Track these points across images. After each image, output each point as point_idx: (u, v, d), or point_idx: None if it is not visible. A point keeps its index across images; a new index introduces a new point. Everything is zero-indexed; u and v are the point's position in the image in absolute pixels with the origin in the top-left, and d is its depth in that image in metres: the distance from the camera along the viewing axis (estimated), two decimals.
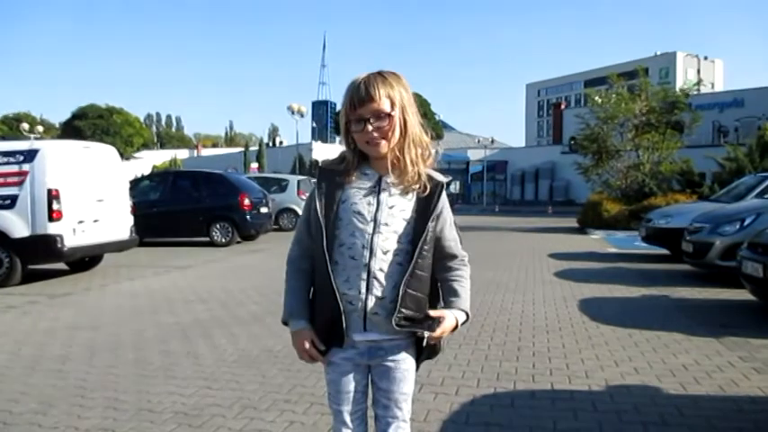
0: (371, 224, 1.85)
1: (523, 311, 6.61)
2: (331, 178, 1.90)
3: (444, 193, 1.91)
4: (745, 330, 5.61)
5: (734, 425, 3.39)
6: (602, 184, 19.97)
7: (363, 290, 1.84)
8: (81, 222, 8.63)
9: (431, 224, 1.86)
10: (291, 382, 4.20)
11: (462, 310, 1.92)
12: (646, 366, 4.51)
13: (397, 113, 1.84)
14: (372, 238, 1.84)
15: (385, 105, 1.82)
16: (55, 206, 8.20)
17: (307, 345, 1.90)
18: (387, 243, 1.85)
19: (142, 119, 66.94)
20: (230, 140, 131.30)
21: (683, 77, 51.92)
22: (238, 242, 14.62)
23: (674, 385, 4.08)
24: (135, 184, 12.80)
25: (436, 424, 3.43)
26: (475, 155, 55.22)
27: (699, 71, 67.08)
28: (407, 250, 1.86)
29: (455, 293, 1.94)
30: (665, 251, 11.14)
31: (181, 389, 4.07)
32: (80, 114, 34.79)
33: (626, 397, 3.85)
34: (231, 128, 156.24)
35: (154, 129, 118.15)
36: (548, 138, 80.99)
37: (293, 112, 31.99)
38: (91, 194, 8.90)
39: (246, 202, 14.23)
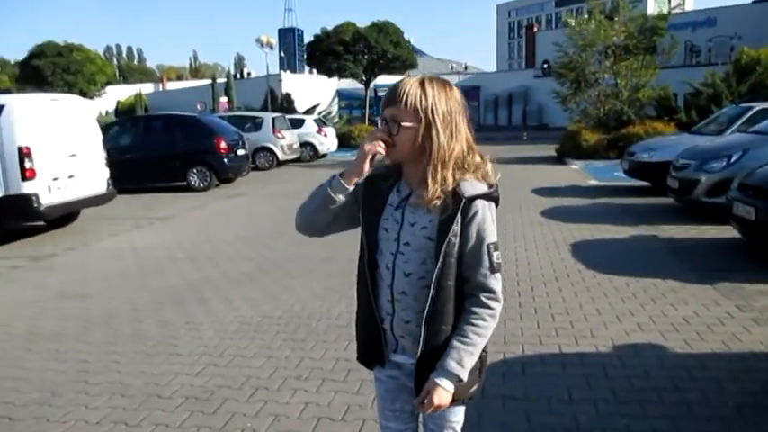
0: (395, 244, 1.74)
1: (517, 259, 6.61)
2: (376, 185, 1.78)
3: (476, 208, 1.68)
4: (738, 274, 5.69)
5: (743, 386, 3.45)
6: (580, 113, 19.85)
7: (390, 312, 1.76)
8: (56, 179, 8.30)
9: (448, 247, 1.67)
10: (298, 355, 4.15)
11: (450, 374, 1.69)
12: (648, 321, 4.55)
13: (422, 127, 1.66)
14: (395, 260, 1.73)
15: (406, 113, 1.66)
16: (27, 164, 7.84)
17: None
18: (408, 265, 1.72)
19: (101, 52, 64.31)
20: (195, 72, 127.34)
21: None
22: (217, 185, 14.35)
23: (678, 342, 4.13)
24: (104, 131, 12.29)
25: None
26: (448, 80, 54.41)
27: None
28: (434, 270, 1.69)
29: (450, 348, 1.70)
30: (646, 184, 11.21)
31: (186, 368, 4.00)
32: (38, 53, 33.06)
33: (634, 359, 3.89)
34: (195, 58, 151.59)
35: (115, 62, 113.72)
36: (519, 60, 79.95)
37: (262, 45, 30.84)
38: (63, 150, 8.52)
39: (223, 145, 13.88)
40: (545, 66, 40.58)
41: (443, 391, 1.69)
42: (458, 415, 1.87)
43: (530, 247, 7.15)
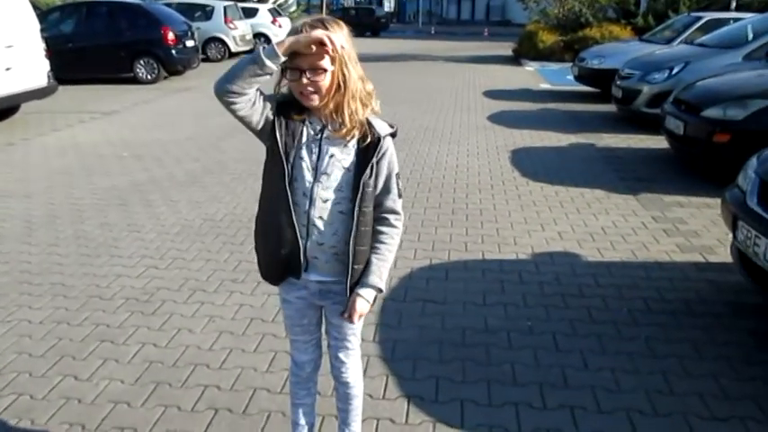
0: (312, 173, 1.87)
1: (458, 165, 6.83)
2: (288, 115, 1.86)
3: (387, 145, 1.89)
4: (661, 185, 6.04)
5: (641, 294, 3.81)
6: (539, 12, 19.59)
7: (304, 235, 1.91)
8: None
9: (366, 179, 1.85)
10: (236, 258, 4.35)
11: (374, 288, 1.95)
12: (569, 230, 4.87)
13: (336, 67, 1.78)
14: (312, 188, 1.87)
15: (324, 60, 1.76)
16: None
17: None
18: (326, 192, 1.88)
19: None
20: None
21: None
22: (165, 78, 13.98)
23: (592, 252, 4.47)
24: (43, 18, 11.70)
25: (377, 302, 3.69)
26: None
27: None
28: (349, 198, 1.88)
29: (371, 265, 1.94)
30: (595, 90, 11.40)
31: (127, 269, 4.17)
32: None
33: (549, 266, 4.22)
34: None
35: None
36: None
37: None
38: None
39: (171, 36, 13.40)
40: None
41: (365, 302, 1.95)
42: (360, 321, 2.11)
43: (471, 153, 7.35)
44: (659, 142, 7.48)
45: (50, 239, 4.72)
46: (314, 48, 1.71)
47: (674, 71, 8.20)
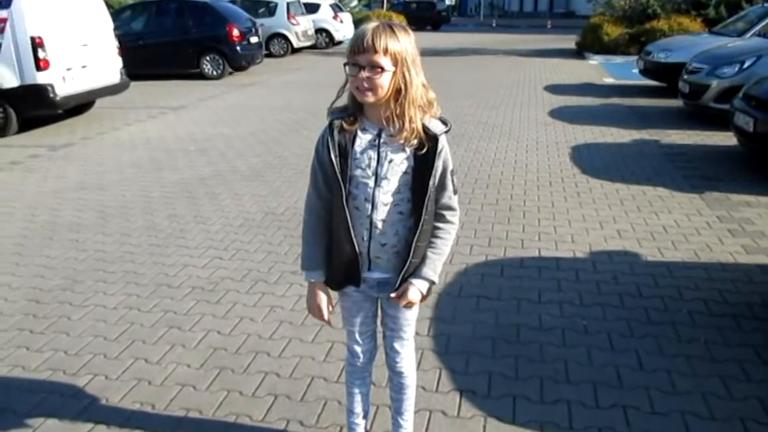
0: (373, 179, 1.95)
1: (516, 161, 6.80)
2: (340, 128, 1.95)
3: (442, 144, 1.93)
4: (728, 184, 5.85)
5: (702, 295, 3.73)
6: (604, 4, 19.10)
7: (367, 238, 2.00)
8: (69, 70, 8.46)
9: (431, 182, 1.93)
10: (296, 251, 4.45)
11: (427, 280, 2.04)
12: (628, 229, 4.80)
13: (398, 70, 1.85)
14: (374, 192, 1.95)
15: (383, 60, 1.82)
16: (41, 54, 7.98)
17: (323, 306, 2.11)
18: (387, 196, 1.96)
19: None
20: None
21: None
22: (230, 73, 14.40)
23: (652, 251, 4.39)
24: (115, 16, 12.24)
25: (431, 297, 3.75)
26: None
27: None
28: (408, 199, 1.97)
29: (426, 259, 2.02)
30: (661, 84, 11.07)
31: (194, 259, 4.37)
32: None
33: (607, 265, 4.18)
34: None
35: None
36: None
37: None
38: (75, 39, 8.62)
39: (235, 32, 13.78)
40: None
41: (418, 292, 2.04)
42: (414, 311, 2.19)
43: (531, 149, 7.30)
44: (727, 139, 7.23)
45: (123, 230, 4.99)
46: None
47: (746, 65, 7.89)
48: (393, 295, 2.05)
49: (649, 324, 3.42)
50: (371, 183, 1.95)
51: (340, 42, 22.10)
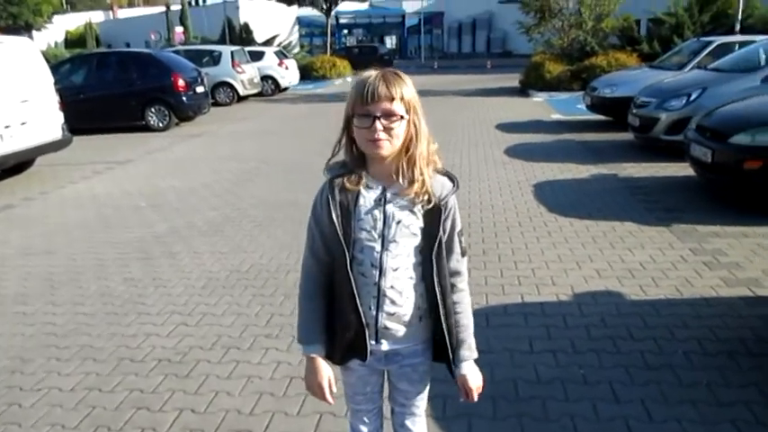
0: (379, 241, 1.76)
1: (482, 203, 6.72)
2: (341, 188, 1.77)
3: (452, 204, 1.80)
4: (692, 215, 5.89)
5: (693, 334, 3.64)
6: (543, 43, 19.72)
7: (374, 307, 1.80)
8: (8, 127, 8.03)
9: (442, 244, 1.78)
10: (267, 311, 4.22)
11: (470, 360, 1.92)
12: (606, 267, 4.72)
13: (410, 118, 1.70)
14: (381, 257, 1.76)
15: (398, 106, 1.67)
16: None
17: (324, 384, 1.87)
18: (396, 260, 1.77)
19: None
20: None
21: None
22: (177, 124, 14.05)
23: (634, 289, 4.31)
24: (55, 70, 11.80)
25: None
26: (411, 7, 53.15)
27: None
28: (418, 262, 1.80)
29: (462, 342, 1.89)
30: (608, 118, 11.34)
31: (157, 328, 4.04)
32: None
33: (593, 307, 4.06)
34: None
35: None
36: None
37: None
38: (13, 96, 8.20)
39: (181, 83, 13.49)
40: None
41: (477, 375, 1.91)
42: (426, 383, 2.01)
43: (493, 189, 7.25)
44: (681, 170, 7.36)
45: (75, 298, 4.61)
46: None
47: (692, 97, 8.12)
48: (462, 400, 1.92)
49: (648, 369, 3.29)
50: (378, 246, 1.76)
51: (286, 89, 22.05)
